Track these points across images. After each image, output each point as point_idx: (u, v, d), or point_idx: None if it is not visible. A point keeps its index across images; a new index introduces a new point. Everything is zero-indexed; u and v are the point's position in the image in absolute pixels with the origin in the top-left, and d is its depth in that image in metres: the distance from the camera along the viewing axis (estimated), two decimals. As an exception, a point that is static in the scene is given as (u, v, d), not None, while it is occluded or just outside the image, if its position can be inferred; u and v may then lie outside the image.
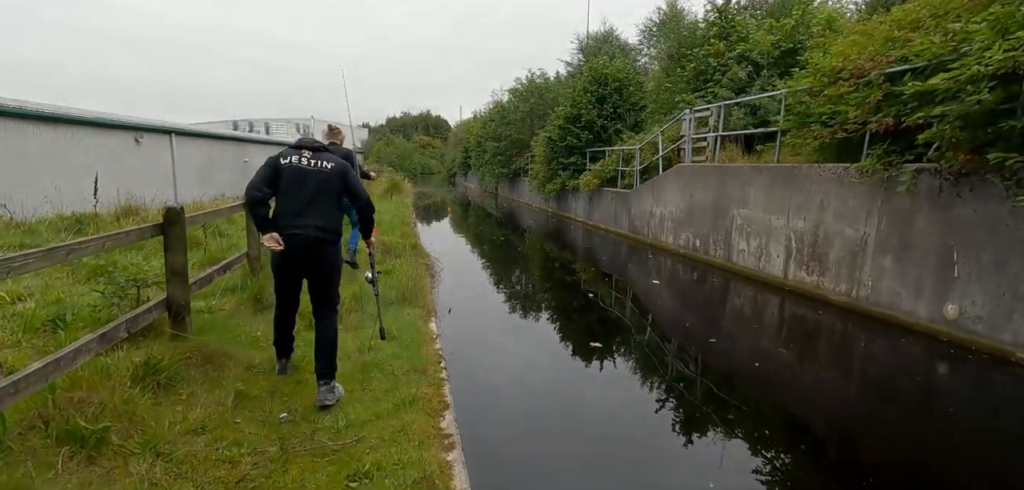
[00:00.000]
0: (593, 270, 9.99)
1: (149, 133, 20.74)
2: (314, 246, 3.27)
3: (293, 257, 3.28)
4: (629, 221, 12.90)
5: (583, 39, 27.05)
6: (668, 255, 10.66)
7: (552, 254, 11.81)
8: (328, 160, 3.39)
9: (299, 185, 3.29)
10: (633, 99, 16.20)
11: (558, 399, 4.33)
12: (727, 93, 10.97)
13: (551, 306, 7.51)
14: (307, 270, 3.41)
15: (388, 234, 9.71)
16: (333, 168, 3.36)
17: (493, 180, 27.71)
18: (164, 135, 21.95)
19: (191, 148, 23.79)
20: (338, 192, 3.39)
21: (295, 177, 3.30)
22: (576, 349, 5.60)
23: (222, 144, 27.85)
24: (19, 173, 12.30)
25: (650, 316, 7.02)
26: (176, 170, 23.09)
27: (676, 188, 10.72)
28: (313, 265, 3.37)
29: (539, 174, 18.48)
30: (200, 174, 24.12)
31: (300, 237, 3.23)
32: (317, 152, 3.41)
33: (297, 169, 3.31)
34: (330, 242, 3.35)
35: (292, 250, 3.24)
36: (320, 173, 3.33)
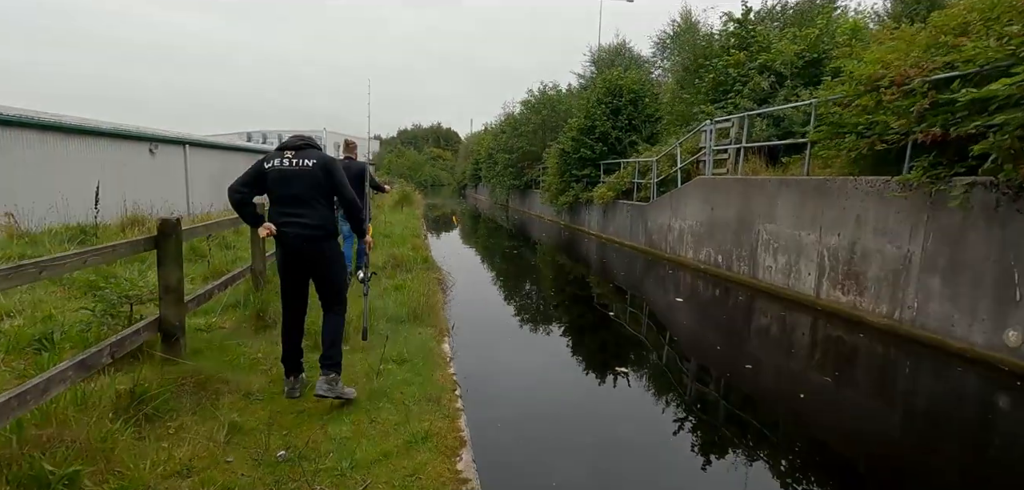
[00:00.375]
0: (611, 286, 9.58)
1: (163, 144, 20.80)
2: (307, 242, 3.32)
3: (291, 253, 3.37)
4: (646, 235, 12.48)
5: (595, 51, 26.85)
6: (688, 270, 10.22)
7: (567, 268, 11.41)
8: (310, 157, 3.37)
9: (285, 186, 3.32)
10: (648, 111, 15.84)
11: (583, 433, 3.93)
12: (749, 104, 10.57)
13: (569, 326, 7.11)
14: (308, 268, 3.44)
15: (399, 246, 9.39)
16: (315, 164, 3.35)
17: (504, 192, 27.41)
18: (178, 146, 22.02)
19: (204, 159, 23.85)
20: (325, 187, 3.39)
21: (280, 179, 3.33)
22: (599, 375, 5.20)
23: (235, 155, 27.95)
24: (30, 182, 12.20)
25: (677, 339, 6.59)
26: (189, 181, 23.12)
27: (697, 201, 10.30)
28: (312, 261, 3.41)
29: (552, 186, 18.13)
30: (213, 185, 24.10)
31: (291, 235, 3.30)
32: (299, 151, 3.40)
33: (281, 171, 3.34)
34: (323, 237, 3.38)
35: (287, 243, 3.33)
36: (303, 170, 3.33)
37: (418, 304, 5.44)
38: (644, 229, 12.58)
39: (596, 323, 7.31)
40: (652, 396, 4.69)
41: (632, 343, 6.26)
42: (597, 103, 16.02)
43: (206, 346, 4.09)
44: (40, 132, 13.76)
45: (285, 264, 3.42)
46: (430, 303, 5.62)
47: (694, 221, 10.39)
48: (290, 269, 3.44)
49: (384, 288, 6.40)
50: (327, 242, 3.42)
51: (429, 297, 5.74)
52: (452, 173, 59.39)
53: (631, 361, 5.57)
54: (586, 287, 9.53)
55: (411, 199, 19.57)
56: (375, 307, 5.35)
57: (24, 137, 13.14)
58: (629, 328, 6.86)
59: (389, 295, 6.10)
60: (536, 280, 10.23)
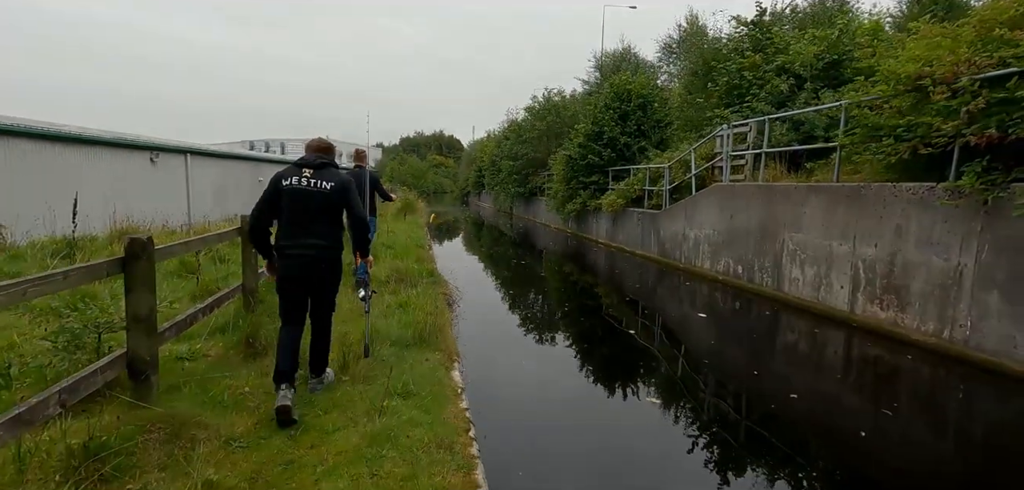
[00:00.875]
0: (626, 300, 9.06)
1: (164, 153, 20.41)
2: (313, 264, 3.39)
3: (294, 279, 3.42)
4: (658, 244, 11.97)
5: (599, 57, 26.45)
6: (705, 282, 9.71)
7: (577, 280, 10.90)
8: (329, 179, 3.39)
9: (301, 206, 3.35)
10: (657, 116, 15.37)
11: (612, 479, 3.42)
12: (767, 107, 10.09)
13: (586, 348, 6.60)
14: (308, 287, 3.49)
15: (402, 258, 8.90)
16: (333, 187, 3.38)
17: (508, 199, 26.94)
18: (179, 155, 21.63)
19: (206, 168, 23.46)
20: (338, 208, 3.45)
21: (297, 198, 3.35)
22: (624, 406, 4.69)
23: (237, 164, 27.57)
24: (25, 193, 11.78)
25: (710, 363, 6.07)
26: (190, 190, 22.71)
27: (713, 209, 9.80)
28: (314, 280, 3.47)
29: (558, 194, 17.65)
30: (215, 194, 23.72)
31: (299, 259, 3.36)
32: (318, 170, 3.40)
33: (298, 191, 3.34)
34: (329, 258, 3.46)
35: (292, 273, 3.40)
36: (321, 194, 3.37)
37: (424, 325, 4.94)
38: (656, 238, 12.07)
39: (614, 343, 6.80)
40: (695, 433, 4.17)
41: (660, 368, 5.74)
42: (605, 108, 15.56)
43: (186, 380, 3.60)
44: (35, 142, 13.37)
45: (292, 278, 3.42)
46: (437, 324, 5.11)
47: (711, 230, 9.88)
48: (294, 287, 3.45)
49: (387, 306, 5.90)
50: (331, 261, 3.49)
51: (436, 316, 5.23)
52: (454, 180, 59.02)
53: (663, 390, 5.05)
54: (600, 302, 9.02)
55: (414, 207, 19.09)
56: (378, 329, 4.86)
57: (19, 147, 12.76)
58: (653, 350, 6.34)
59: (393, 314, 5.60)
60: (546, 293, 9.71)
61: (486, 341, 6.22)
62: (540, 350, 6.26)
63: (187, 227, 21.47)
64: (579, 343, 6.59)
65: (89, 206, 13.54)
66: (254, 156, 32.97)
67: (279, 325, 3.48)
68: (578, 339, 6.77)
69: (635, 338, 6.70)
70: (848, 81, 9.57)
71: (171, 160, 20.88)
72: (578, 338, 6.82)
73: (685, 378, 5.31)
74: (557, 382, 5.15)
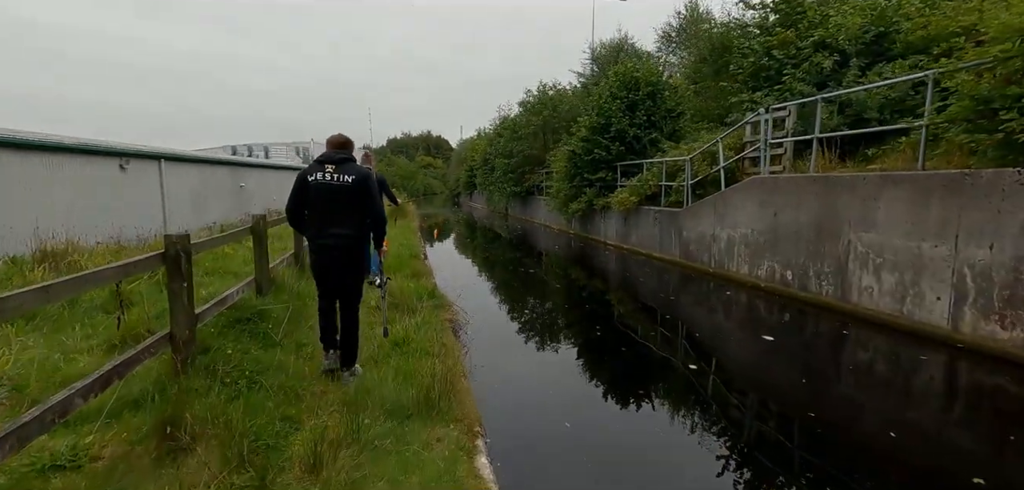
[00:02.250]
0: (657, 314, 7.69)
1: (135, 159, 18.79)
2: (343, 251, 3.71)
3: (325, 266, 3.76)
4: (680, 245, 10.63)
5: (595, 48, 25.12)
6: (743, 289, 8.38)
7: (595, 292, 9.50)
8: (349, 173, 3.67)
9: (325, 200, 3.65)
10: (668, 105, 14.03)
11: None
12: (805, 87, 8.79)
13: (638, 390, 5.21)
14: (335, 271, 3.77)
15: (396, 272, 7.47)
16: (354, 180, 3.66)
17: (503, 200, 25.50)
18: (152, 161, 19.93)
19: (183, 174, 21.81)
20: (361, 201, 3.69)
21: (322, 192, 3.65)
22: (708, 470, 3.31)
23: (216, 169, 25.83)
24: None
25: (787, 400, 4.71)
26: (166, 199, 21.03)
27: (751, 205, 8.47)
28: (342, 265, 3.75)
29: (560, 192, 16.27)
30: (193, 202, 22.09)
31: (329, 246, 3.68)
32: (339, 165, 3.68)
33: (323, 185, 3.64)
34: (355, 246, 3.75)
35: (323, 260, 3.75)
36: (344, 187, 3.65)
37: (431, 381, 3.51)
38: (678, 239, 10.74)
39: (667, 379, 5.41)
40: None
41: (727, 412, 4.36)
42: (611, 98, 14.19)
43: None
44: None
45: (321, 269, 3.77)
46: (449, 376, 3.67)
47: (748, 229, 8.55)
48: (324, 273, 3.79)
49: (379, 346, 4.47)
50: (359, 250, 3.76)
51: (447, 366, 3.78)
52: (444, 181, 57.46)
53: (744, 443, 3.68)
54: (632, 322, 7.63)
55: (404, 211, 17.58)
56: (370, 389, 3.45)
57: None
58: (716, 383, 4.97)
59: (387, 360, 4.18)
60: (568, 311, 8.29)
61: (513, 392, 4.76)
62: (584, 397, 4.84)
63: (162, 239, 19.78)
64: (626, 382, 5.20)
65: (49, 219, 12.23)
66: (235, 160, 31.09)
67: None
68: (624, 377, 5.38)
69: (699, 373, 5.33)
70: (898, 57, 8.34)
71: (143, 167, 19.20)
72: (623, 376, 5.43)
73: (760, 420, 3.94)
74: (614, 444, 3.75)
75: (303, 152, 50.41)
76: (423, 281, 7.56)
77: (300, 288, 6.10)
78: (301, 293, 5.88)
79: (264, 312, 4.73)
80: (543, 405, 4.49)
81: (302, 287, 6.19)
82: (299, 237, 6.34)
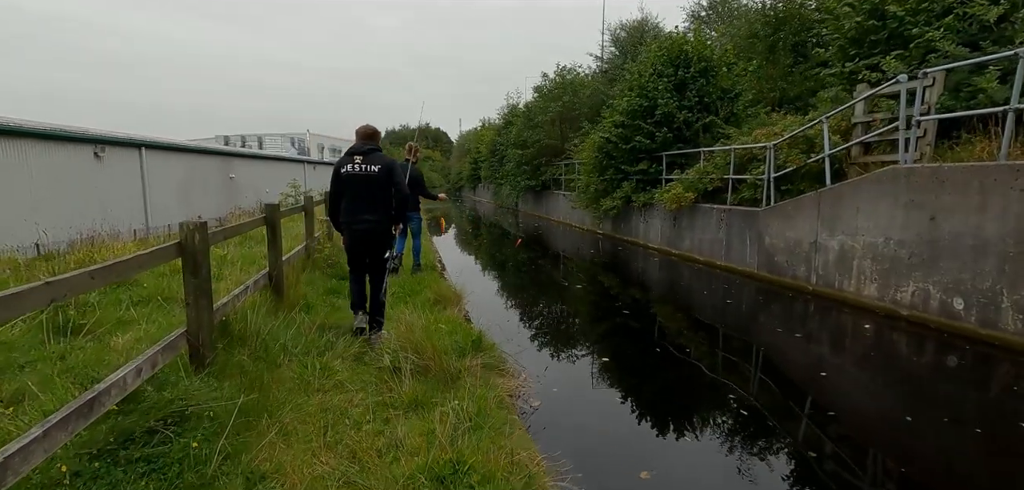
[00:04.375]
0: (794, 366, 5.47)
1: (113, 146, 16.43)
2: (371, 234, 4.29)
3: (356, 245, 4.38)
4: (762, 254, 8.42)
5: (615, 29, 22.79)
6: (866, 316, 6.21)
7: (660, 310, 7.27)
8: (376, 163, 4.20)
9: (355, 188, 4.20)
10: (724, 83, 11.76)
11: None
12: (953, 47, 6.54)
13: None
14: (365, 252, 4.38)
15: (413, 298, 5.23)
16: (380, 169, 4.18)
17: (515, 194, 23.19)
18: (132, 149, 17.59)
19: (167, 163, 19.48)
20: (387, 187, 4.23)
21: (351, 182, 4.20)
22: None
23: (204, 158, 23.46)
24: None
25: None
26: (148, 190, 18.66)
27: (886, 206, 6.26)
28: (371, 245, 4.35)
29: (589, 187, 14.00)
30: (179, 194, 19.76)
31: (360, 231, 4.27)
32: (367, 156, 4.21)
33: (353, 175, 4.19)
34: (383, 230, 4.32)
35: (355, 242, 4.35)
36: (372, 176, 4.18)
37: None
38: (757, 245, 8.52)
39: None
40: None
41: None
42: (655, 76, 11.91)
43: None
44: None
45: (353, 248, 4.39)
46: None
47: (880, 237, 6.35)
48: (357, 252, 4.39)
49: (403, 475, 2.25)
50: (386, 233, 4.36)
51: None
52: (445, 174, 55.07)
53: None
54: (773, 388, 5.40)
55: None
56: None
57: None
58: None
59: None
60: (665, 352, 6.06)
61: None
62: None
63: (145, 233, 17.48)
64: None
65: (10, 213, 11.12)
66: (225, 150, 28.63)
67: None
68: None
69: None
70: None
71: (122, 155, 16.95)
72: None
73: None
74: None
75: (298, 143, 47.85)
76: (452, 310, 5.31)
77: (276, 334, 3.86)
78: (273, 352, 3.64)
79: (184, 420, 2.48)
80: None
81: (278, 329, 3.94)
82: (277, 245, 4.87)
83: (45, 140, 14.00)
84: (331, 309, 5.23)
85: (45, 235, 13.33)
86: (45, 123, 15.65)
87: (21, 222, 12.67)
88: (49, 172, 13.66)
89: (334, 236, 8.40)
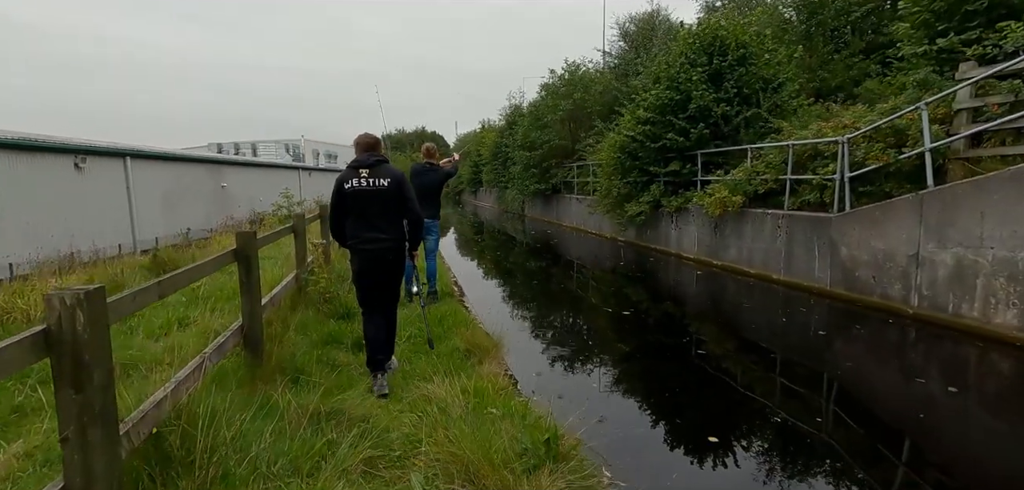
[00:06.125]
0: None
1: (94, 156, 15.02)
2: (383, 255, 3.61)
3: (366, 271, 3.64)
4: (836, 268, 7.05)
5: (624, 23, 21.42)
6: (1000, 348, 4.85)
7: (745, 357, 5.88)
8: (384, 176, 3.55)
9: (362, 205, 3.55)
10: (764, 73, 10.39)
11: None
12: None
13: None
14: (378, 276, 3.67)
15: (437, 348, 3.81)
16: (390, 183, 3.55)
17: (520, 198, 21.76)
18: (116, 158, 16.20)
19: (154, 173, 18.06)
20: (398, 204, 3.61)
21: (358, 198, 3.54)
22: None
23: (193, 167, 21.96)
24: None
25: None
26: (134, 202, 17.14)
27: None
28: (383, 269, 3.66)
29: (612, 190, 12.59)
30: (166, 205, 18.26)
31: (370, 252, 3.58)
32: (373, 169, 3.56)
33: (359, 192, 3.53)
34: (396, 249, 3.66)
35: (364, 265, 3.62)
36: (380, 191, 3.55)
37: None
38: (830, 257, 7.15)
39: None
40: None
41: None
42: (688, 66, 10.52)
43: None
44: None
45: (362, 274, 3.65)
46: None
47: (1022, 251, 4.98)
48: (366, 278, 3.66)
49: None
50: (398, 252, 3.67)
51: None
52: (443, 178, 53.49)
53: None
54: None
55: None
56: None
57: None
58: None
59: None
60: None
61: None
62: None
63: (132, 250, 15.96)
64: None
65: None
66: (216, 158, 27.07)
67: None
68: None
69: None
70: None
71: (105, 165, 15.64)
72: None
73: None
74: None
75: (293, 150, 46.23)
76: (491, 365, 3.89)
77: (246, 439, 2.45)
78: (237, 481, 2.22)
79: None
80: None
81: (249, 431, 2.54)
82: (252, 288, 3.51)
83: (20, 150, 12.55)
84: (329, 371, 3.79)
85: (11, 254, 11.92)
86: (21, 134, 14.15)
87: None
88: (22, 183, 12.26)
89: (332, 259, 6.94)
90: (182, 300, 5.36)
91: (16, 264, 12.38)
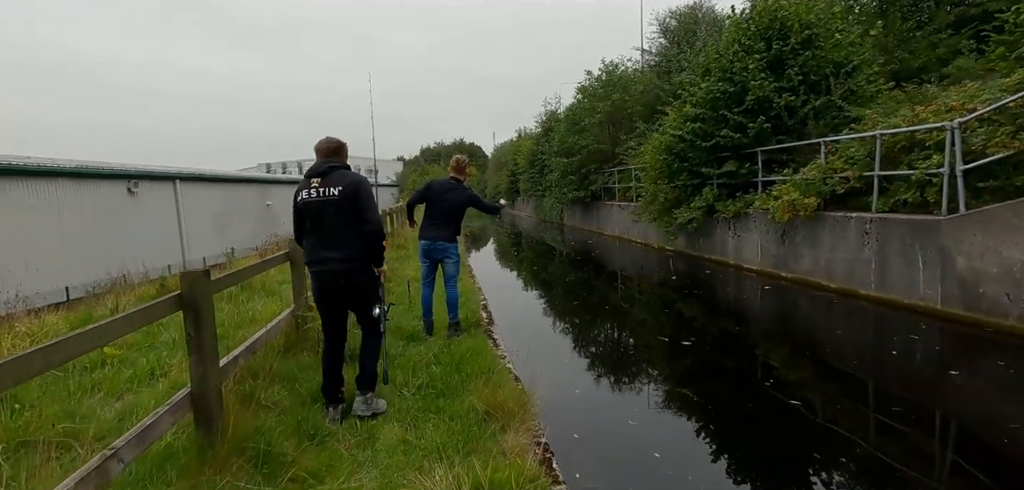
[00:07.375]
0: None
1: (146, 180, 15.36)
2: (339, 277, 3.12)
3: (322, 293, 3.22)
4: (949, 282, 5.64)
5: (664, 18, 20.06)
6: None
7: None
8: (335, 184, 3.05)
9: (315, 219, 3.10)
10: (834, 57, 8.94)
11: None
12: None
13: None
14: (341, 299, 3.25)
15: (444, 408, 2.91)
16: (341, 192, 3.04)
17: (559, 206, 20.70)
18: (166, 182, 16.56)
19: (203, 195, 18.43)
20: (353, 214, 3.06)
21: (308, 211, 3.12)
22: None
23: (240, 187, 22.42)
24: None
25: None
26: (183, 223, 17.42)
27: None
28: (345, 294, 3.21)
29: (658, 196, 11.36)
30: (216, 225, 18.53)
31: (324, 273, 3.13)
32: (325, 177, 3.08)
33: (310, 203, 3.09)
34: (355, 269, 3.14)
35: (320, 287, 3.20)
36: (329, 202, 3.05)
37: None
38: (940, 270, 5.74)
39: None
40: None
41: None
42: (742, 54, 9.22)
43: None
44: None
45: (320, 296, 3.26)
46: None
47: None
48: (325, 301, 3.26)
49: None
50: (361, 273, 3.18)
51: None
52: (481, 189, 53.15)
53: None
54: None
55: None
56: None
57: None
58: None
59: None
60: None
61: None
62: None
63: (182, 267, 16.00)
64: None
65: (43, 254, 10.62)
66: (261, 178, 27.59)
67: None
68: None
69: None
70: None
71: (156, 189, 16.05)
72: None
73: None
74: None
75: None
76: (515, 436, 2.92)
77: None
78: None
79: None
80: None
81: None
82: (203, 344, 2.35)
83: (80, 178, 12.79)
84: (310, 446, 2.92)
85: (72, 279, 12.03)
86: (77, 162, 14.49)
87: (52, 261, 11.38)
88: (80, 210, 12.50)
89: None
90: (172, 339, 4.68)
91: (72, 288, 12.55)
